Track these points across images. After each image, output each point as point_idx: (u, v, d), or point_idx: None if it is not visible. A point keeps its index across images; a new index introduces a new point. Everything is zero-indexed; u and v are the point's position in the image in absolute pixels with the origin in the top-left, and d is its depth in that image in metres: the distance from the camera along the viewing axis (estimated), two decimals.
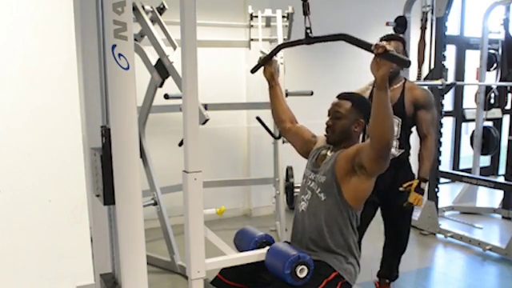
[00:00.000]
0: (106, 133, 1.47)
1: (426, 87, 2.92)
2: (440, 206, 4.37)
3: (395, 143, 2.63)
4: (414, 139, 2.75)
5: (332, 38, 1.84)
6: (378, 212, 2.79)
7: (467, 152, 5.68)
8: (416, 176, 2.67)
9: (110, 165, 1.44)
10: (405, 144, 2.67)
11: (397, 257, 2.88)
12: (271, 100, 2.23)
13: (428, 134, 2.63)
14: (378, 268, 2.95)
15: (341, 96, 2.04)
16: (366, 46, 1.66)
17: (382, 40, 2.65)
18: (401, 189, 2.59)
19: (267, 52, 3.82)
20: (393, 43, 2.58)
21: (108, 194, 1.46)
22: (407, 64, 1.61)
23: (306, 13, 1.93)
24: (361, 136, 2.05)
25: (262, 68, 2.17)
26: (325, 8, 4.87)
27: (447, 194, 5.56)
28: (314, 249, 1.92)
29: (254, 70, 2.21)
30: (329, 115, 2.02)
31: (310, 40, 1.94)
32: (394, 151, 2.62)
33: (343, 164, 1.89)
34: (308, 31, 1.94)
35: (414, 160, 2.75)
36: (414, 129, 2.71)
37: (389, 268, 2.89)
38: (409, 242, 2.86)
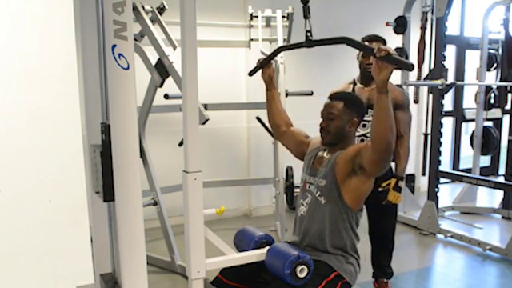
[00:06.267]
0: (105, 129, 1.46)
1: (402, 88, 2.96)
2: (440, 205, 4.37)
3: None
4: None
5: (333, 42, 1.83)
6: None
7: (467, 152, 5.68)
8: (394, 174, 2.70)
9: (110, 162, 1.44)
10: None
11: (386, 254, 2.89)
12: (268, 103, 2.22)
13: (404, 134, 2.69)
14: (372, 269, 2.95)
15: (333, 96, 2.03)
16: (368, 50, 1.65)
17: (364, 41, 2.68)
18: (380, 189, 2.62)
19: (267, 53, 3.84)
20: (375, 44, 2.59)
21: (108, 190, 1.46)
22: (410, 67, 1.60)
23: (306, 16, 1.92)
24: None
25: (260, 70, 2.16)
26: (325, 8, 4.87)
27: (447, 194, 5.56)
28: (314, 252, 1.91)
29: (252, 73, 2.20)
30: (322, 117, 2.01)
31: (310, 43, 1.93)
32: None
33: (343, 165, 1.88)
34: (308, 34, 1.92)
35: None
36: None
37: (381, 267, 2.89)
38: (409, 242, 2.86)
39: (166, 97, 3.42)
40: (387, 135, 1.69)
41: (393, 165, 2.73)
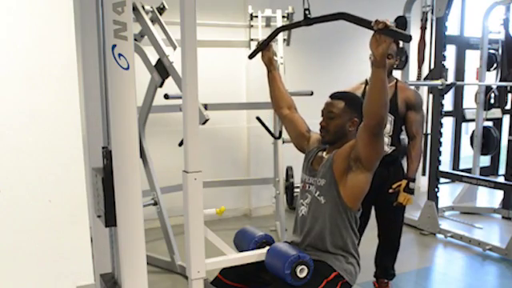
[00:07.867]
0: (107, 154, 1.44)
1: (413, 87, 2.94)
2: (440, 205, 4.38)
3: (387, 140, 2.63)
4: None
5: (331, 18, 1.81)
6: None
7: (467, 152, 5.68)
8: (405, 176, 2.69)
9: (112, 188, 1.42)
10: (396, 142, 2.67)
11: (391, 256, 2.89)
12: (270, 85, 2.21)
13: (417, 135, 2.66)
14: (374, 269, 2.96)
15: (333, 96, 2.03)
16: (365, 24, 1.63)
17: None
18: (390, 191, 2.61)
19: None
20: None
21: (110, 216, 1.44)
22: (408, 39, 1.58)
23: None
24: None
25: (260, 53, 2.15)
26: (324, 8, 4.86)
27: (447, 194, 5.56)
28: (314, 252, 1.92)
29: (251, 56, 2.19)
30: (322, 115, 2.01)
31: (308, 21, 1.90)
32: (386, 148, 2.63)
33: (340, 162, 1.88)
34: (306, 12, 1.90)
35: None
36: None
37: (384, 268, 2.89)
38: (409, 242, 2.87)
39: (166, 97, 3.41)
40: (381, 109, 1.67)
41: (405, 166, 2.72)
